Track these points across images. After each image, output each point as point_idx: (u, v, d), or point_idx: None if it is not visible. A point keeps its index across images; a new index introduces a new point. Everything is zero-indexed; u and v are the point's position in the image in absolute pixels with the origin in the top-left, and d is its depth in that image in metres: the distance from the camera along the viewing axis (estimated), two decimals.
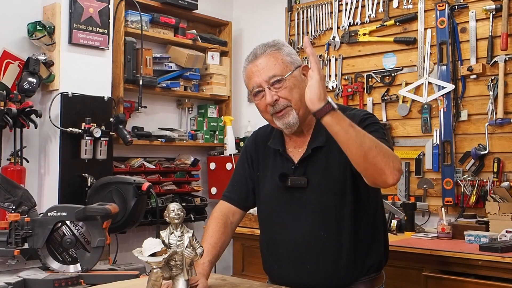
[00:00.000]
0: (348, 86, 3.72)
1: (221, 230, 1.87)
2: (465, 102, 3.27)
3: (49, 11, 3.21)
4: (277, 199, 1.85)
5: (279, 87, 1.73)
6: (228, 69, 4.27)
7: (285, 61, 1.76)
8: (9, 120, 2.88)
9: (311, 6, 3.96)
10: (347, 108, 1.87)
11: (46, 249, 2.23)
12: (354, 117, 1.75)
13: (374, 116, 1.83)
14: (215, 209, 1.97)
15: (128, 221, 2.81)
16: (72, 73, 3.19)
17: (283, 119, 1.75)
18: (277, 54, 1.76)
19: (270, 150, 1.90)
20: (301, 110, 1.76)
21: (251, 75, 1.78)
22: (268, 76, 1.73)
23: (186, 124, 4.18)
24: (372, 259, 1.80)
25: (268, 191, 1.88)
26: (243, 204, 1.97)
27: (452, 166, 3.26)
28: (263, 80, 1.74)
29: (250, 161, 1.96)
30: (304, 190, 1.78)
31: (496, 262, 2.47)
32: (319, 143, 1.78)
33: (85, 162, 3.15)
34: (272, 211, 1.88)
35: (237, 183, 1.99)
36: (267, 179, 1.89)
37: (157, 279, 1.51)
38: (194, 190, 4.03)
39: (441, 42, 3.31)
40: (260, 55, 1.76)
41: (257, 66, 1.76)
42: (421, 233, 3.07)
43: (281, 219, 1.84)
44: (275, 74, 1.73)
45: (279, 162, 1.85)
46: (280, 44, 1.80)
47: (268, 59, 1.75)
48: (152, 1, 3.81)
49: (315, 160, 1.78)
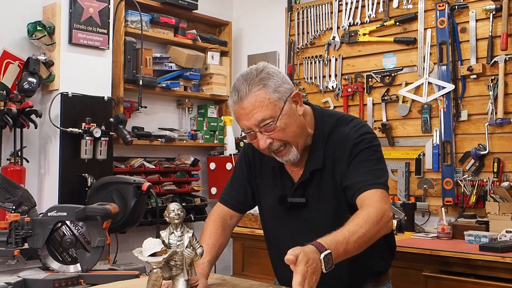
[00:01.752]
0: (348, 86, 3.71)
1: (219, 232, 1.87)
2: (465, 102, 3.27)
3: (49, 11, 3.21)
4: (276, 215, 1.86)
5: (271, 130, 1.63)
6: (228, 69, 4.26)
7: (273, 101, 1.61)
8: (9, 120, 2.88)
9: (311, 6, 3.96)
10: (343, 121, 1.78)
11: (46, 249, 2.23)
12: (348, 139, 1.71)
13: (369, 134, 1.73)
14: (213, 211, 1.97)
15: (128, 221, 2.81)
16: (72, 73, 3.19)
17: (284, 157, 1.71)
18: (263, 94, 1.61)
19: (269, 160, 1.84)
20: (299, 143, 1.71)
21: (239, 117, 1.66)
22: (257, 121, 1.62)
23: (186, 124, 4.18)
24: (376, 264, 1.80)
25: (268, 206, 1.89)
26: (241, 208, 1.97)
27: (452, 166, 3.26)
28: (253, 125, 1.63)
29: (248, 165, 1.93)
30: (302, 208, 1.78)
31: (496, 262, 2.48)
32: (317, 165, 1.74)
33: (85, 162, 3.15)
34: (273, 225, 1.89)
35: (235, 187, 1.97)
36: (266, 193, 1.88)
37: (157, 279, 1.51)
38: (194, 190, 4.03)
39: (441, 42, 3.31)
40: (244, 96, 1.61)
41: (244, 109, 1.62)
42: (421, 233, 3.07)
43: (281, 233, 1.85)
44: (264, 118, 1.61)
45: (279, 179, 1.83)
46: (264, 78, 1.63)
47: (254, 100, 1.61)
48: (152, 1, 3.81)
49: (313, 181, 1.76)
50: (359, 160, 1.68)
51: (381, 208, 1.57)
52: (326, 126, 1.77)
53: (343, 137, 1.73)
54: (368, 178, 1.64)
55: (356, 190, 1.64)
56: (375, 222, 1.53)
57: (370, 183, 1.63)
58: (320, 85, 3.88)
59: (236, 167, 2.00)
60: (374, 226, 1.52)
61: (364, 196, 1.62)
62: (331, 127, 1.77)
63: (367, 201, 1.60)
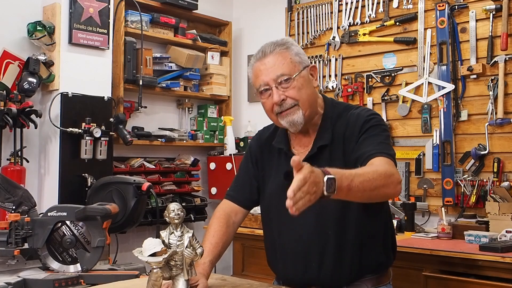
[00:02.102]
0: (348, 86, 3.72)
1: (223, 230, 1.87)
2: (465, 102, 3.27)
3: (49, 11, 3.21)
4: (281, 197, 1.80)
5: (287, 86, 1.73)
6: (228, 69, 4.27)
7: (293, 61, 1.75)
8: (9, 120, 2.88)
9: (311, 6, 3.96)
10: (352, 107, 1.87)
11: (46, 249, 2.23)
12: (358, 118, 1.77)
13: (378, 116, 1.82)
14: (218, 208, 1.96)
15: (128, 221, 2.81)
16: (72, 73, 3.19)
17: (288, 117, 1.75)
18: (286, 53, 1.75)
19: (275, 150, 1.89)
20: (307, 110, 1.76)
21: (259, 73, 1.77)
22: (276, 75, 1.73)
23: (186, 124, 4.18)
24: (377, 257, 1.79)
25: (272, 189, 1.87)
26: (246, 204, 1.97)
27: (452, 166, 3.26)
28: (271, 79, 1.73)
29: (254, 161, 1.96)
30: None
31: (496, 262, 2.47)
32: (325, 141, 1.78)
33: (85, 162, 3.15)
34: (276, 209, 1.86)
35: (241, 182, 1.98)
36: (272, 178, 1.88)
37: (157, 279, 1.51)
38: (194, 190, 4.03)
39: (441, 42, 3.31)
40: (268, 54, 1.75)
41: (265, 65, 1.75)
42: (421, 233, 3.07)
43: (285, 217, 1.80)
44: (283, 73, 1.73)
45: (284, 161, 1.85)
46: (289, 43, 1.79)
47: (276, 58, 1.74)
48: (152, 1, 3.81)
49: (320, 159, 1.77)
50: (369, 134, 1.72)
51: (390, 169, 1.59)
52: (335, 110, 1.85)
53: (354, 117, 1.78)
54: (378, 148, 1.67)
55: (365, 157, 1.66)
56: (383, 175, 1.54)
57: (379, 152, 1.66)
58: (320, 85, 3.88)
59: (241, 165, 2.02)
60: (382, 179, 1.53)
61: (373, 160, 1.64)
62: (339, 111, 1.84)
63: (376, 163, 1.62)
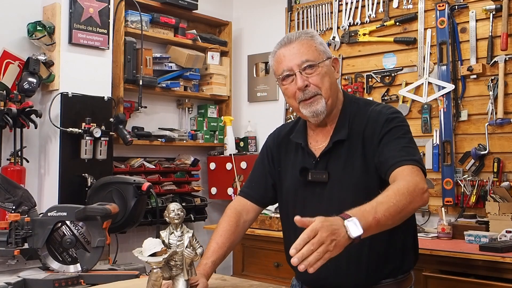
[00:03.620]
0: (348, 86, 3.71)
1: (231, 230, 1.83)
2: (465, 102, 3.27)
3: (49, 11, 3.21)
4: (297, 194, 1.81)
5: (311, 73, 1.72)
6: (228, 69, 4.27)
7: (318, 49, 1.74)
8: (9, 120, 2.88)
9: (311, 6, 3.96)
10: (372, 103, 1.84)
11: (46, 249, 2.23)
12: (380, 115, 1.73)
13: (400, 114, 1.77)
14: (230, 206, 1.92)
15: (128, 221, 2.81)
16: (72, 73, 3.19)
17: (311, 107, 1.73)
18: (311, 42, 1.75)
19: (292, 145, 1.87)
20: (329, 99, 1.74)
21: (282, 59, 1.75)
22: (301, 61, 1.71)
23: (186, 124, 4.18)
24: (397, 260, 1.73)
25: (289, 186, 1.85)
26: (261, 201, 1.93)
27: (452, 166, 3.26)
28: (295, 64, 1.72)
29: (270, 157, 1.93)
30: (325, 185, 1.74)
31: (496, 262, 2.47)
32: (341, 136, 1.75)
33: (85, 162, 3.15)
34: (292, 205, 1.84)
35: (256, 179, 1.95)
36: (288, 174, 1.85)
37: (157, 279, 1.51)
38: (194, 190, 4.03)
39: (441, 42, 3.31)
40: (294, 40, 1.75)
41: (290, 50, 1.74)
42: (421, 233, 3.07)
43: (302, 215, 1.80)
44: (308, 59, 1.71)
45: (301, 157, 1.82)
46: (314, 33, 1.80)
47: (302, 44, 1.74)
48: (152, 1, 3.81)
49: (336, 154, 1.74)
50: (392, 137, 1.68)
51: (412, 181, 1.54)
52: (353, 105, 1.82)
53: (375, 114, 1.74)
54: (402, 154, 1.64)
55: (389, 167, 1.63)
56: (406, 192, 1.49)
57: (403, 159, 1.62)
58: None
59: (257, 162, 1.99)
60: (406, 197, 1.47)
61: (396, 172, 1.61)
62: (358, 107, 1.81)
63: (399, 177, 1.58)
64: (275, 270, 3.25)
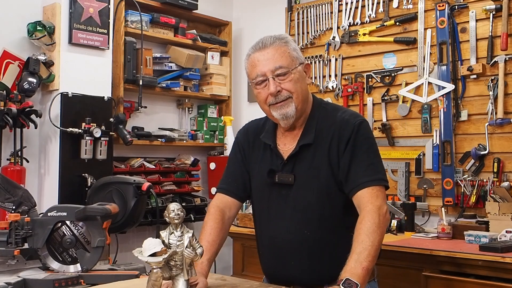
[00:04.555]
0: (348, 86, 3.71)
1: (219, 227, 1.89)
2: (465, 102, 3.27)
3: (49, 11, 3.21)
4: (264, 194, 1.89)
5: (284, 79, 1.77)
6: (228, 69, 4.27)
7: (291, 55, 1.80)
8: (9, 120, 2.88)
9: (311, 6, 3.96)
10: (340, 109, 1.90)
11: (46, 249, 2.23)
12: (347, 124, 1.80)
13: (366, 123, 1.84)
14: (211, 204, 1.97)
15: (128, 221, 2.81)
16: (72, 73, 3.19)
17: (282, 109, 1.79)
18: (285, 47, 1.80)
19: (261, 144, 1.92)
20: (300, 104, 1.80)
21: (256, 63, 1.80)
22: (274, 67, 1.77)
23: (186, 124, 4.18)
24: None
25: (257, 185, 1.91)
26: (239, 195, 1.97)
27: (452, 166, 3.25)
28: (269, 70, 1.77)
29: (242, 152, 1.98)
30: (290, 187, 1.81)
31: (496, 262, 2.47)
32: (307, 140, 1.81)
33: (85, 162, 3.15)
34: (259, 205, 1.92)
35: (233, 174, 1.99)
36: (256, 172, 1.92)
37: (157, 279, 1.51)
38: (194, 190, 4.03)
39: (441, 42, 3.31)
40: (268, 46, 1.80)
41: (264, 55, 1.79)
42: (421, 233, 3.07)
43: (267, 214, 1.88)
44: (281, 66, 1.77)
45: (269, 158, 1.88)
46: (288, 38, 1.85)
47: (276, 50, 1.79)
48: (152, 1, 3.81)
49: (302, 157, 1.81)
50: (357, 151, 1.76)
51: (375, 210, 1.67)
52: (322, 110, 1.88)
53: (342, 122, 1.81)
54: (366, 174, 1.72)
55: (353, 187, 1.73)
56: (376, 229, 1.64)
57: (366, 181, 1.72)
58: (320, 85, 3.88)
59: (231, 157, 2.04)
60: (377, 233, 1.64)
61: (360, 194, 1.71)
62: (326, 112, 1.87)
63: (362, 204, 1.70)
64: None
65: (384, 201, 1.72)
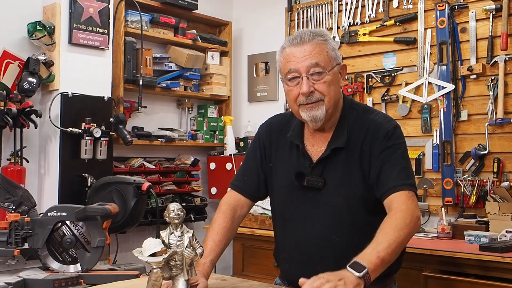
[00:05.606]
0: (348, 86, 3.71)
1: (227, 227, 1.81)
2: (465, 102, 3.27)
3: (49, 11, 3.21)
4: (290, 196, 1.80)
5: (318, 79, 1.68)
6: (228, 69, 4.27)
7: (329, 55, 1.71)
8: (9, 120, 2.88)
9: (311, 6, 3.96)
10: (371, 111, 1.83)
11: (46, 249, 2.23)
12: (380, 128, 1.73)
13: (399, 128, 1.77)
14: (223, 201, 1.90)
15: (128, 221, 2.81)
16: (72, 73, 3.19)
17: (311, 112, 1.70)
18: (324, 46, 1.71)
19: (285, 142, 1.84)
20: (331, 108, 1.72)
21: (291, 59, 1.70)
22: (310, 63, 1.67)
23: (186, 124, 4.18)
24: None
25: (281, 186, 1.83)
26: (253, 195, 1.91)
27: (452, 166, 3.26)
28: (304, 67, 1.68)
29: (263, 150, 1.89)
30: (319, 191, 1.73)
31: (496, 262, 2.48)
32: (340, 144, 1.73)
33: (85, 162, 3.15)
34: (283, 206, 1.83)
35: (249, 172, 1.91)
36: (280, 172, 1.83)
37: (157, 279, 1.51)
38: (194, 190, 4.03)
39: (441, 42, 3.31)
40: (307, 41, 1.69)
41: (301, 52, 1.68)
42: (421, 233, 3.06)
43: (293, 218, 1.79)
44: (318, 63, 1.67)
45: (295, 158, 1.80)
46: (328, 36, 1.75)
47: (314, 47, 1.69)
48: (152, 1, 3.81)
49: (334, 161, 1.73)
50: (391, 155, 1.69)
51: (408, 211, 1.60)
52: (353, 112, 1.80)
53: (375, 125, 1.74)
54: (400, 177, 1.66)
55: (386, 190, 1.67)
56: (403, 226, 1.55)
57: (400, 184, 1.66)
58: None
59: (249, 153, 1.95)
60: (404, 231, 1.55)
61: (393, 197, 1.65)
62: (358, 114, 1.79)
63: (394, 204, 1.63)
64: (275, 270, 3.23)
65: (418, 207, 1.65)
